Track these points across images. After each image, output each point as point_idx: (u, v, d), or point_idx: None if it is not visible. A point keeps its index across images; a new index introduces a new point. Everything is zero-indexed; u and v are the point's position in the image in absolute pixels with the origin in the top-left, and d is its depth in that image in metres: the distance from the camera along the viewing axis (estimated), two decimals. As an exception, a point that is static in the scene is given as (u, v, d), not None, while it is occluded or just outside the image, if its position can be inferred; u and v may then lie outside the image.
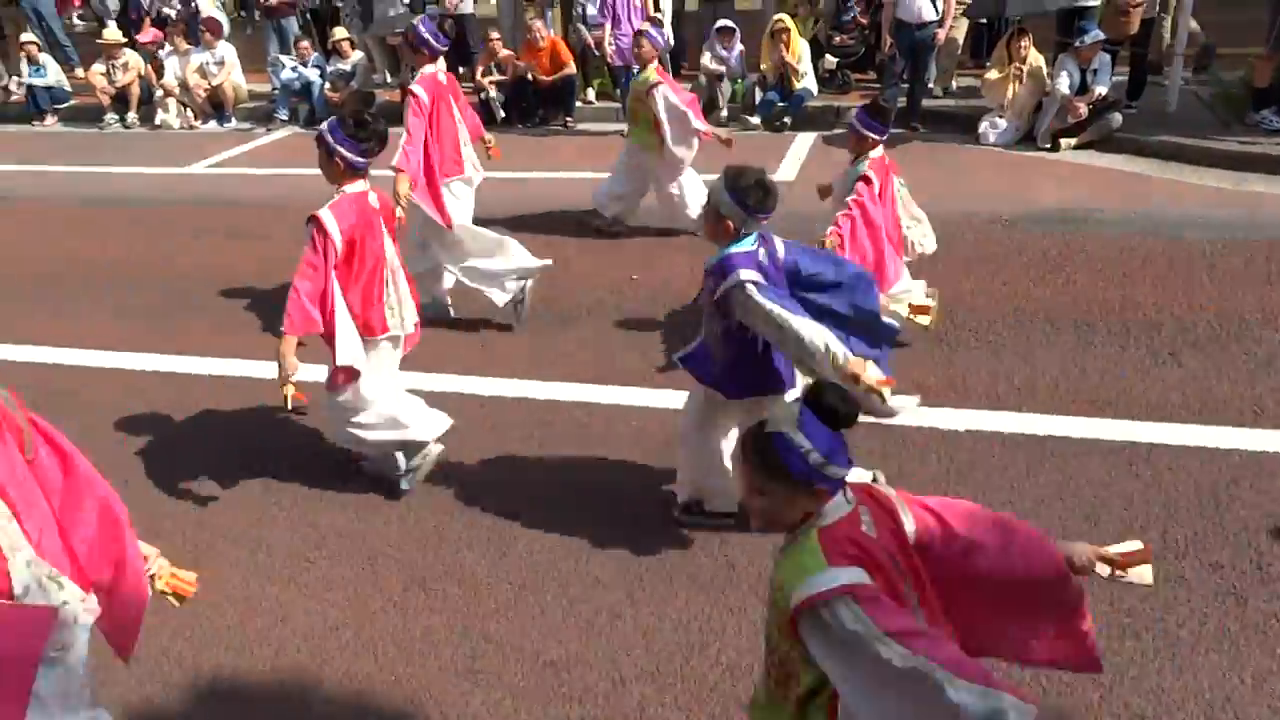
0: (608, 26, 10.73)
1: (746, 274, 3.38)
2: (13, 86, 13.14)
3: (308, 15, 13.24)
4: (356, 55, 11.68)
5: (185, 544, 4.15)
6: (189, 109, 12.25)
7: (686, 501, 4.11)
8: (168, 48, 12.44)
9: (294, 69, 11.77)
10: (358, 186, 4.06)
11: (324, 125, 4.07)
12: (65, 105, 12.92)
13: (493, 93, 11.12)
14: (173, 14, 13.22)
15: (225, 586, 3.90)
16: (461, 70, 12.49)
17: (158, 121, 12.17)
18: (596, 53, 11.08)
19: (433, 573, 3.93)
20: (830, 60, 11.22)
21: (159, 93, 12.32)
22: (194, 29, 12.53)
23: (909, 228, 5.40)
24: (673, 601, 3.70)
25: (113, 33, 12.43)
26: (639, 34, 7.21)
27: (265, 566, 4.03)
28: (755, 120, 10.49)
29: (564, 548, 4.04)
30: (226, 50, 12.29)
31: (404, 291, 4.29)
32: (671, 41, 11.57)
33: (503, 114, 11.02)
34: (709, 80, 10.73)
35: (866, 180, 4.97)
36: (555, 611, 3.70)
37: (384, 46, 12.55)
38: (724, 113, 10.75)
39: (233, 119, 12.28)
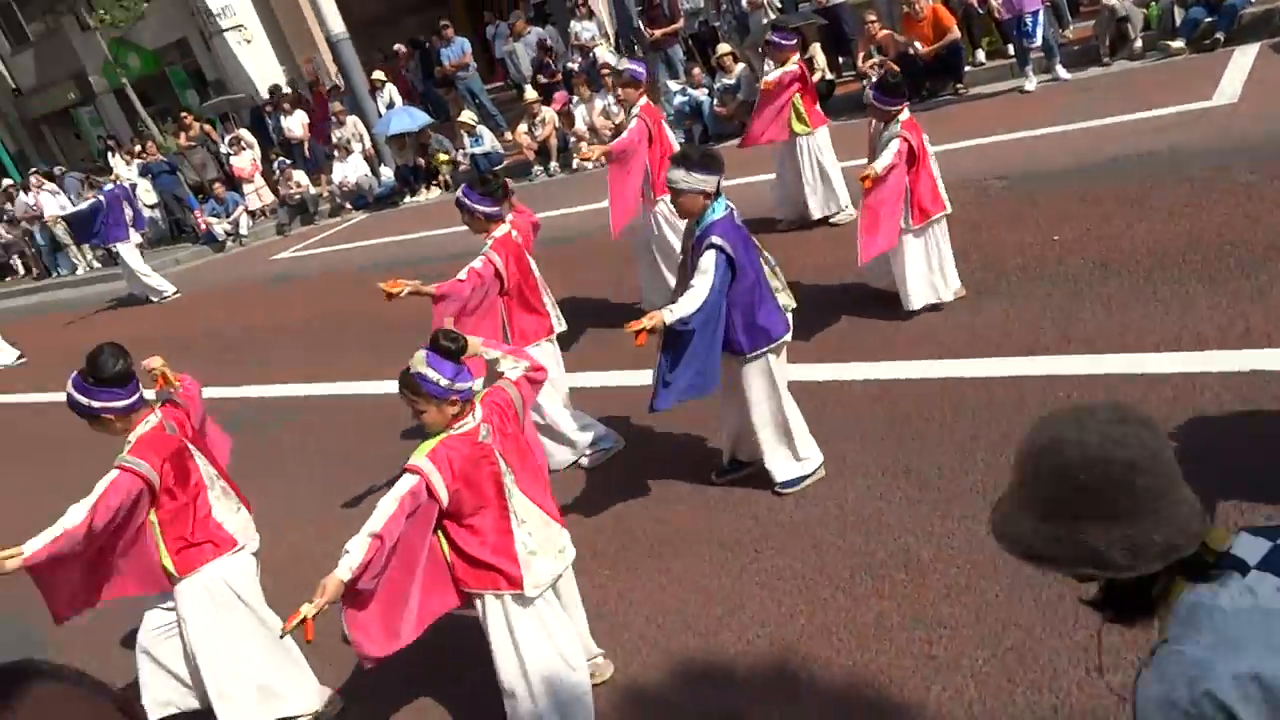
0: (992, -20, 10.11)
1: (721, 241, 4.06)
2: (459, 157, 15.29)
3: (689, 40, 13.97)
4: (739, 68, 12.08)
5: (646, 538, 4.55)
6: (599, 149, 13.42)
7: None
8: (575, 99, 13.76)
9: (683, 92, 12.45)
10: (501, 229, 5.00)
11: (460, 192, 5.06)
12: (501, 166, 14.77)
13: (872, 76, 10.93)
14: (575, 67, 14.62)
15: (687, 578, 4.21)
16: (841, 60, 12.47)
17: (574, 166, 13.48)
18: (981, 10, 10.48)
19: (876, 559, 3.93)
20: (1267, -45, 9.63)
21: (572, 140, 13.66)
22: (594, 76, 13.74)
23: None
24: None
25: (531, 94, 14.00)
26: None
27: (718, 558, 4.28)
28: (1178, 44, 9.29)
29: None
30: (624, 89, 13.31)
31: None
32: None
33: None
34: (1109, 13, 9.68)
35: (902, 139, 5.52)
36: (1011, 596, 3.53)
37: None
38: (1138, 44, 9.66)
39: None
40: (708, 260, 4.05)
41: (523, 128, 13.99)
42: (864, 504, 4.29)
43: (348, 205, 15.94)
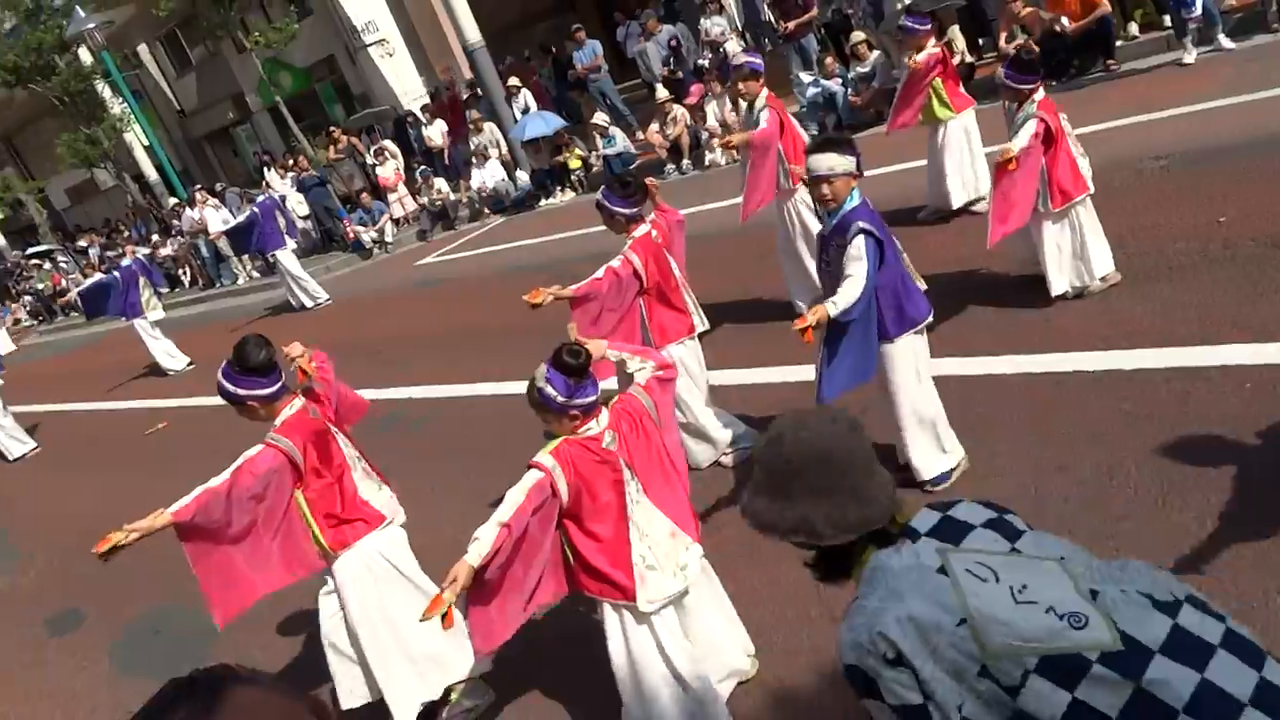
0: (1144, -51, 9.58)
1: (868, 225, 3.99)
2: (593, 159, 15.50)
3: (822, 30, 13.73)
4: (874, 56, 11.82)
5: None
6: (731, 145, 13.34)
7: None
8: (707, 95, 13.73)
9: (815, 83, 12.26)
10: (641, 230, 4.97)
11: (599, 194, 5.04)
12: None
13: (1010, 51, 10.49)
14: (706, 63, 14.60)
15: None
16: (981, 42, 12.03)
17: (706, 163, 13.46)
18: (1134, -19, 9.94)
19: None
20: None
21: (705, 136, 13.65)
22: (726, 71, 13.67)
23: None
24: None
25: (662, 93, 14.06)
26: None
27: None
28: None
29: (1168, 536, 3.63)
30: (755, 83, 13.18)
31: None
32: None
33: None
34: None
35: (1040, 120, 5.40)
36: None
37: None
38: (1312, 6, 8.95)
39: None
40: (858, 247, 3.98)
41: (654, 127, 14.06)
42: (1015, 501, 4.07)
43: (486, 210, 16.38)
